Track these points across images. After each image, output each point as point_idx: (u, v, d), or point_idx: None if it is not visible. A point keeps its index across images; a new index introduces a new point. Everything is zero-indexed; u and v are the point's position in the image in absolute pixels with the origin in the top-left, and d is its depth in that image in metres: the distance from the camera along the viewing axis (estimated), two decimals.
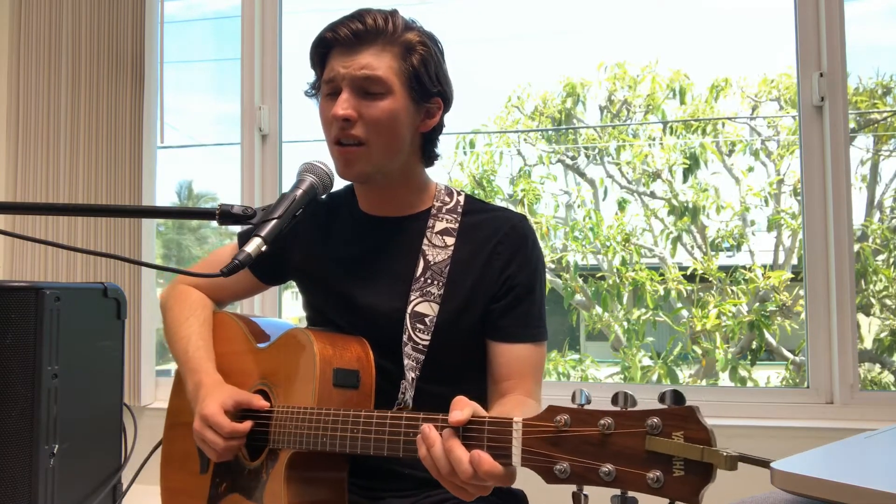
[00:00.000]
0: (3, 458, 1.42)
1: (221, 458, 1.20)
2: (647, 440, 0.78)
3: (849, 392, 2.09)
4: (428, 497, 1.24)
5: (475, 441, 0.90)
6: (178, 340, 1.36)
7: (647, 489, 0.77)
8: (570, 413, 0.84)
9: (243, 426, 1.18)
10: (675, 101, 3.70)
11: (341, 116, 1.16)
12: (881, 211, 3.59)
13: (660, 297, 3.59)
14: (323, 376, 1.14)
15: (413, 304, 1.22)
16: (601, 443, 0.81)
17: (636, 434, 0.79)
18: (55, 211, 1.97)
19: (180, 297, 1.43)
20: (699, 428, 0.75)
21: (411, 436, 0.98)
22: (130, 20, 2.52)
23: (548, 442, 0.84)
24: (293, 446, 1.14)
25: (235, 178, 2.59)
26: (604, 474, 0.79)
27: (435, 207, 1.28)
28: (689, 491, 0.75)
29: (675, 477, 0.76)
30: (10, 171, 2.58)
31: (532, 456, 0.85)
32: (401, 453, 1.01)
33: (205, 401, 1.20)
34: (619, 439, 0.80)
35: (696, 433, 0.75)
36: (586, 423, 0.82)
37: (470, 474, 0.88)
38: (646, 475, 0.77)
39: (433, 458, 0.92)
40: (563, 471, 0.82)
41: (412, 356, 1.20)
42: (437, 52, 1.23)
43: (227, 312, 1.46)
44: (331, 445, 1.09)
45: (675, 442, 0.76)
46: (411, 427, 0.99)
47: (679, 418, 0.77)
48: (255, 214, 1.09)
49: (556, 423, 0.84)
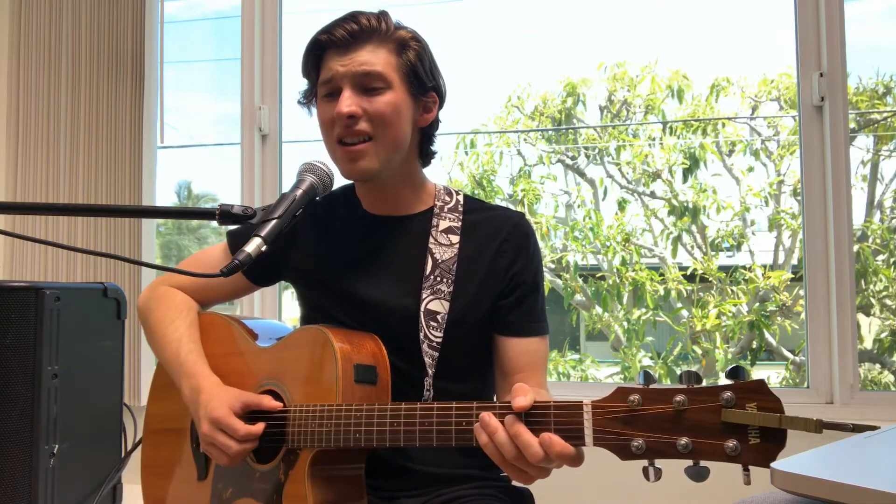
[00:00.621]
0: (3, 458, 1.42)
1: (233, 462, 1.17)
2: (722, 413, 0.83)
3: (849, 392, 2.09)
4: (440, 496, 1.25)
5: (541, 425, 0.94)
6: (166, 344, 1.32)
7: (724, 458, 0.83)
8: (641, 393, 0.89)
9: (257, 428, 1.15)
10: (675, 101, 3.70)
11: (346, 113, 1.17)
12: (881, 211, 3.59)
13: (660, 297, 3.59)
14: (345, 373, 1.14)
15: (426, 302, 1.23)
16: (676, 418, 0.86)
17: (711, 408, 0.84)
18: (55, 211, 1.97)
19: (163, 299, 1.39)
20: (772, 398, 0.83)
21: (464, 425, 1.01)
22: (130, 20, 2.52)
23: (621, 421, 0.89)
24: (317, 444, 1.12)
25: (235, 178, 2.59)
26: (681, 447, 0.85)
27: (437, 206, 1.30)
28: (765, 456, 0.82)
29: (752, 445, 0.82)
30: (10, 171, 2.58)
31: (605, 435, 0.90)
32: (453, 442, 1.02)
33: (210, 404, 1.18)
34: (693, 414, 0.85)
35: (770, 403, 0.82)
36: (659, 400, 0.88)
37: (541, 457, 0.92)
38: (724, 444, 0.83)
39: (497, 444, 0.95)
40: (640, 447, 0.87)
41: (428, 353, 1.22)
42: (428, 49, 1.27)
43: (214, 313, 1.43)
44: (366, 440, 1.08)
45: (751, 413, 0.82)
46: (463, 416, 1.01)
47: (750, 391, 0.83)
48: (255, 214, 1.09)
49: (629, 402, 0.89)
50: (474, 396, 1.29)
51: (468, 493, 1.25)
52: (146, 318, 1.39)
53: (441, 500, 1.25)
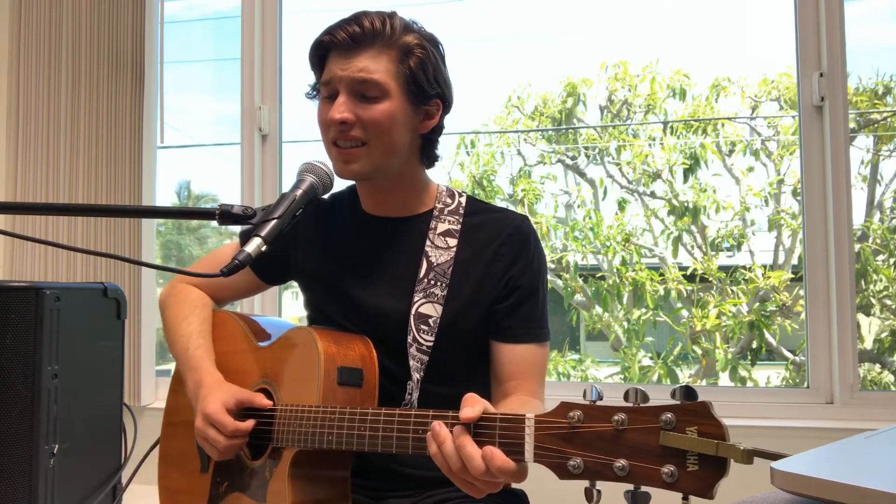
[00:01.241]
0: (3, 458, 1.42)
1: (223, 456, 1.20)
2: (661, 435, 0.79)
3: (849, 392, 2.09)
4: (429, 497, 1.25)
5: (487, 438, 0.91)
6: (178, 339, 1.36)
7: (661, 483, 0.78)
8: (582, 409, 0.85)
9: (246, 425, 1.18)
10: (676, 100, 3.70)
11: (338, 120, 1.17)
12: (881, 211, 3.58)
13: (660, 297, 3.59)
14: (327, 374, 1.15)
15: (417, 306, 1.22)
16: (615, 438, 0.82)
17: (650, 430, 0.80)
18: (55, 211, 1.97)
19: (179, 295, 1.43)
20: (713, 423, 0.77)
21: (420, 433, 0.99)
22: (130, 20, 2.52)
23: (560, 438, 0.85)
24: (297, 444, 1.14)
25: (235, 178, 2.59)
26: (618, 469, 0.80)
27: (437, 209, 1.29)
28: (703, 485, 0.76)
29: (690, 472, 0.77)
30: (10, 171, 2.58)
31: (545, 452, 0.86)
32: (410, 450, 1.01)
33: (206, 399, 1.20)
34: (632, 435, 0.81)
35: (711, 428, 0.77)
36: (599, 419, 0.83)
37: (482, 470, 0.89)
38: (660, 470, 0.78)
39: (444, 454, 0.93)
40: (577, 466, 0.83)
41: (417, 357, 1.21)
42: (435, 54, 1.23)
43: (227, 311, 1.47)
44: (337, 443, 1.09)
45: (690, 437, 0.77)
46: (420, 424, 1.00)
47: (693, 414, 0.78)
48: (255, 214, 1.09)
49: (569, 419, 0.85)
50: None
51: (459, 494, 1.23)
52: (163, 314, 1.44)
53: (431, 500, 1.25)
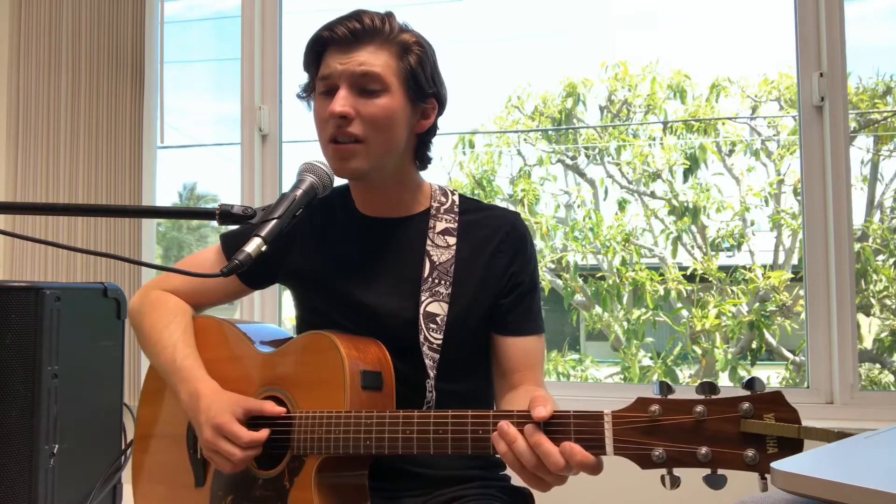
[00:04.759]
0: (3, 458, 1.42)
1: (237, 468, 1.16)
2: (741, 423, 0.87)
3: (849, 392, 2.09)
4: (441, 495, 1.25)
5: (561, 435, 0.96)
6: (161, 349, 1.29)
7: (743, 466, 0.86)
8: (660, 403, 0.92)
9: (261, 434, 1.14)
10: (676, 101, 3.70)
11: (339, 113, 1.16)
12: (881, 211, 3.58)
13: (660, 297, 3.59)
14: (353, 380, 1.14)
15: (425, 305, 1.23)
16: (696, 428, 0.89)
17: (730, 419, 0.88)
18: (55, 211, 1.96)
19: (156, 303, 1.36)
20: (789, 409, 0.86)
21: (480, 433, 1.02)
22: (130, 20, 2.52)
23: (641, 431, 0.92)
24: (324, 451, 1.12)
25: (235, 178, 2.59)
26: (702, 456, 0.87)
27: (433, 208, 1.30)
28: None
29: (770, 454, 0.85)
30: (10, 171, 2.58)
31: (625, 445, 0.92)
32: (469, 451, 1.03)
33: (210, 410, 1.16)
34: (713, 424, 0.88)
35: (787, 414, 0.86)
36: (680, 411, 0.90)
37: (562, 465, 0.94)
38: (743, 454, 0.86)
39: (516, 452, 0.96)
40: (660, 456, 0.90)
41: (429, 356, 1.22)
42: (431, 54, 1.25)
43: (209, 317, 1.40)
44: (377, 448, 1.08)
45: (769, 423, 0.85)
46: (479, 425, 1.02)
47: (768, 402, 0.87)
48: (255, 214, 1.09)
49: (649, 413, 0.91)
50: (475, 396, 1.30)
51: (469, 492, 1.25)
52: (139, 323, 1.36)
53: (442, 499, 1.25)
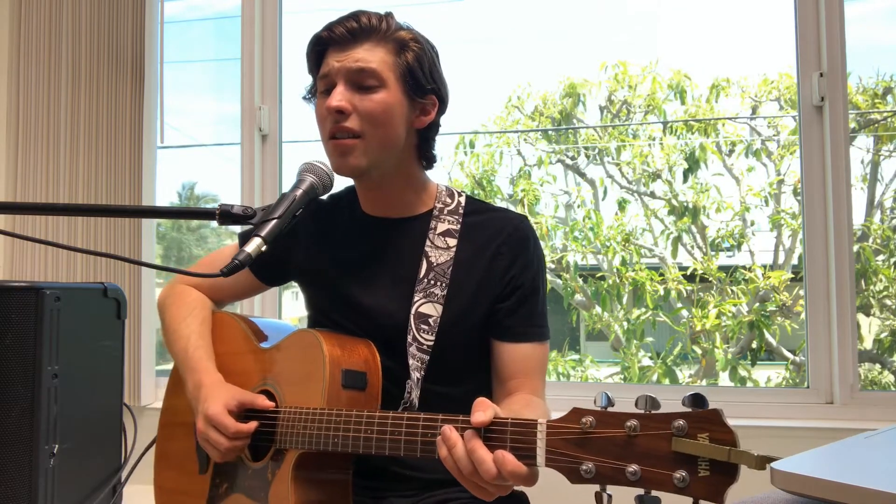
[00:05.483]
0: (3, 458, 1.42)
1: (225, 458, 1.20)
2: (673, 441, 0.80)
3: (849, 392, 2.09)
4: (431, 497, 1.25)
5: (497, 442, 0.92)
6: (177, 339, 1.36)
7: (672, 489, 0.80)
8: (594, 415, 0.86)
9: (248, 426, 1.18)
10: (676, 101, 3.70)
11: (335, 108, 1.18)
12: (881, 211, 3.58)
13: (660, 297, 3.59)
14: (332, 377, 1.15)
15: (417, 305, 1.23)
16: (627, 444, 0.83)
17: (662, 436, 0.81)
18: (55, 211, 1.97)
19: (179, 296, 1.43)
20: (724, 430, 0.78)
21: (429, 436, 1.00)
22: (130, 20, 2.52)
23: (573, 443, 0.86)
24: (301, 446, 1.14)
25: (235, 178, 2.59)
26: (630, 474, 0.82)
27: (437, 209, 1.29)
28: (714, 490, 0.77)
29: (701, 477, 0.78)
30: (10, 171, 2.58)
31: (556, 456, 0.87)
32: (418, 454, 1.01)
33: (207, 401, 1.21)
34: (644, 441, 0.82)
35: (722, 435, 0.78)
36: (612, 424, 0.85)
37: (494, 474, 0.90)
38: (672, 475, 0.79)
39: (455, 458, 0.94)
40: (589, 471, 0.84)
41: (417, 356, 1.21)
42: (430, 51, 1.26)
43: (227, 312, 1.46)
44: (342, 445, 1.09)
45: (702, 443, 0.79)
46: (429, 428, 1.00)
47: (704, 420, 0.80)
48: (255, 214, 1.09)
49: (581, 424, 0.86)
50: (468, 400, 1.29)
51: (460, 495, 1.24)
52: (163, 315, 1.44)
53: (433, 500, 1.25)
